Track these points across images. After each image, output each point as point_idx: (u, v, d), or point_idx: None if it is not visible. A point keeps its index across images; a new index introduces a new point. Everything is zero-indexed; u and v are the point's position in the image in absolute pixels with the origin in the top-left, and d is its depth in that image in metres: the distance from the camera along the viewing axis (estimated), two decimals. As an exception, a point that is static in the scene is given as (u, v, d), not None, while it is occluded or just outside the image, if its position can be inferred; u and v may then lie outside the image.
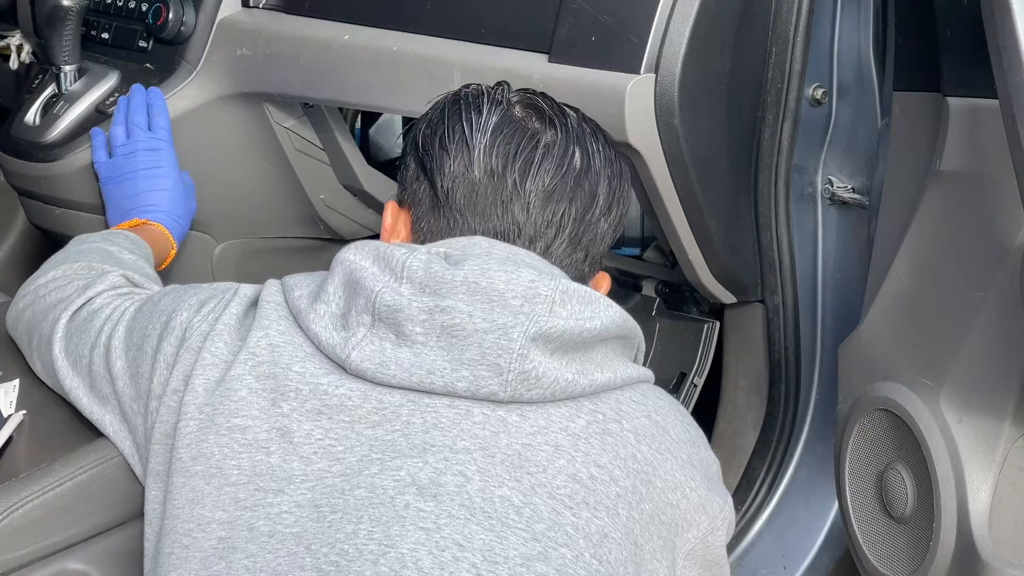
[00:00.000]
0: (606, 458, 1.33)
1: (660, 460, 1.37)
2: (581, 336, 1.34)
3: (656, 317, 2.21)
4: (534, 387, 1.32)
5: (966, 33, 1.58)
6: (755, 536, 2.18)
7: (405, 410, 1.33)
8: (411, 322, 1.33)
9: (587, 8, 1.82)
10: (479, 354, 1.32)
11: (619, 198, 1.50)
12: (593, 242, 1.48)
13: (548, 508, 1.30)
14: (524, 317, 1.32)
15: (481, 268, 1.35)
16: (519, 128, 1.46)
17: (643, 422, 1.37)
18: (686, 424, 1.44)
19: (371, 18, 2.07)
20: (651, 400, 1.41)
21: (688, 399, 2.17)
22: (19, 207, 2.56)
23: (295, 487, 1.33)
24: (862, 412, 1.82)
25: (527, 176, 1.44)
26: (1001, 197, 1.58)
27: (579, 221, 1.46)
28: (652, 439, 1.37)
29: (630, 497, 1.33)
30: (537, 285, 1.35)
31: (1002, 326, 1.63)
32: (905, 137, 1.78)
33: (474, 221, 1.45)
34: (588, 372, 1.35)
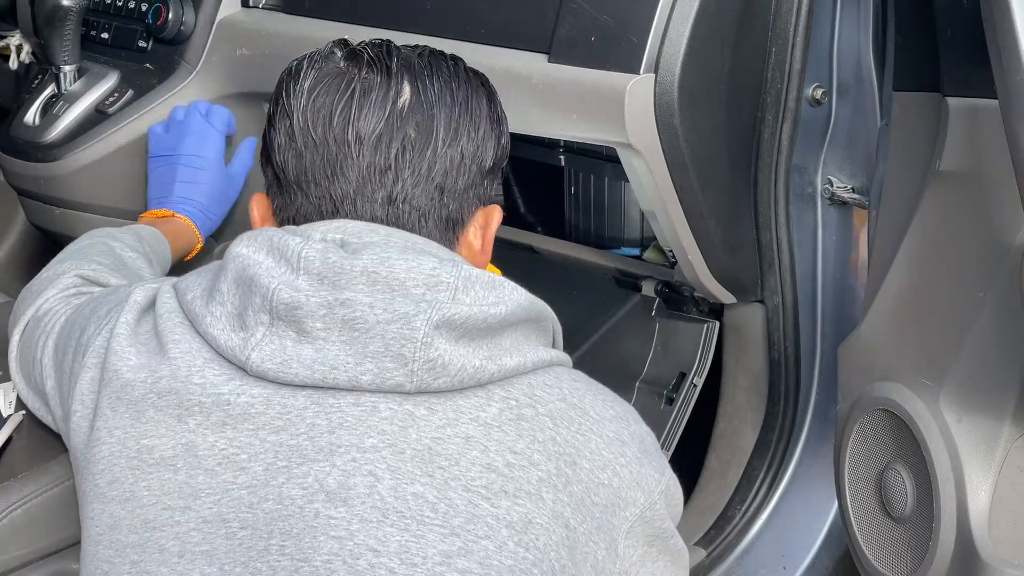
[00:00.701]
0: (522, 443, 1.30)
1: (583, 441, 1.33)
2: (486, 322, 1.30)
3: (656, 317, 2.21)
4: (440, 375, 1.28)
5: (966, 33, 1.58)
6: (755, 536, 2.18)
7: (310, 412, 1.29)
8: (311, 318, 1.29)
9: (587, 8, 1.82)
10: (383, 346, 1.28)
11: (468, 124, 1.42)
12: (447, 176, 1.41)
13: (464, 501, 1.27)
14: (427, 305, 1.28)
15: (381, 257, 1.31)
16: (335, 82, 1.40)
17: (559, 405, 1.34)
18: (608, 402, 1.39)
19: (371, 18, 2.07)
20: (566, 383, 1.37)
21: (688, 399, 2.17)
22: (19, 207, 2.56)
23: (200, 502, 1.30)
24: (862, 412, 1.82)
25: (348, 128, 1.38)
26: (1001, 197, 1.58)
27: (419, 159, 1.39)
28: (571, 421, 1.34)
29: (555, 480, 1.30)
30: (439, 272, 1.31)
31: (1002, 326, 1.63)
32: (905, 137, 1.78)
33: (312, 190, 1.40)
34: (497, 358, 1.31)
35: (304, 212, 1.41)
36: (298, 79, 1.41)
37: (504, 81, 1.89)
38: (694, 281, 2.04)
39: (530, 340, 1.36)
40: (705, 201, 1.91)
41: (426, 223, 1.41)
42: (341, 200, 1.39)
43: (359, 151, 1.38)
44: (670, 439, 2.16)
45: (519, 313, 1.34)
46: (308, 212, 1.41)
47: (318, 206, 1.40)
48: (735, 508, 2.18)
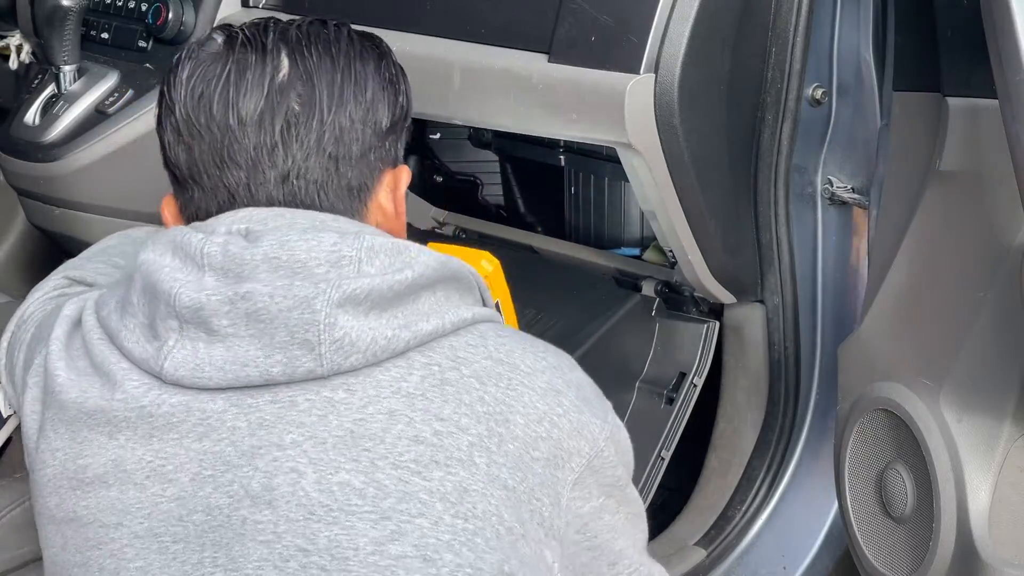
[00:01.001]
0: (448, 409, 1.27)
1: (514, 396, 1.29)
2: (393, 289, 1.27)
3: (656, 317, 2.20)
4: (351, 353, 1.25)
5: (966, 33, 1.58)
6: (755, 536, 2.18)
7: (229, 415, 1.27)
8: (216, 316, 1.26)
9: (587, 8, 1.82)
10: (288, 334, 1.25)
11: (353, 87, 1.38)
12: (339, 143, 1.37)
13: (393, 480, 1.24)
14: (326, 284, 1.25)
15: (280, 241, 1.28)
16: (211, 68, 1.36)
17: (485, 363, 1.30)
18: (539, 353, 1.35)
19: (371, 18, 2.06)
20: (491, 340, 1.33)
21: (688, 399, 2.17)
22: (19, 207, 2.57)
23: (131, 517, 1.28)
24: (862, 412, 1.82)
25: (229, 111, 1.35)
26: (1001, 197, 1.58)
27: (306, 131, 1.35)
28: (499, 378, 1.30)
29: (487, 443, 1.27)
30: (340, 247, 1.28)
31: (1002, 326, 1.63)
32: (905, 137, 1.78)
33: (206, 181, 1.36)
34: (412, 324, 1.28)
35: (203, 206, 1.37)
36: (177, 71, 1.38)
37: (504, 81, 1.89)
38: (694, 281, 2.03)
39: (452, 300, 1.33)
40: (705, 201, 1.91)
41: (327, 195, 1.37)
42: (236, 187, 1.36)
43: (243, 133, 1.35)
44: (670, 439, 2.16)
45: (430, 275, 1.30)
46: (207, 205, 1.37)
47: (214, 197, 1.37)
48: (735, 508, 2.18)
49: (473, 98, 1.94)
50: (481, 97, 1.93)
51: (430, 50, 1.98)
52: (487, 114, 1.96)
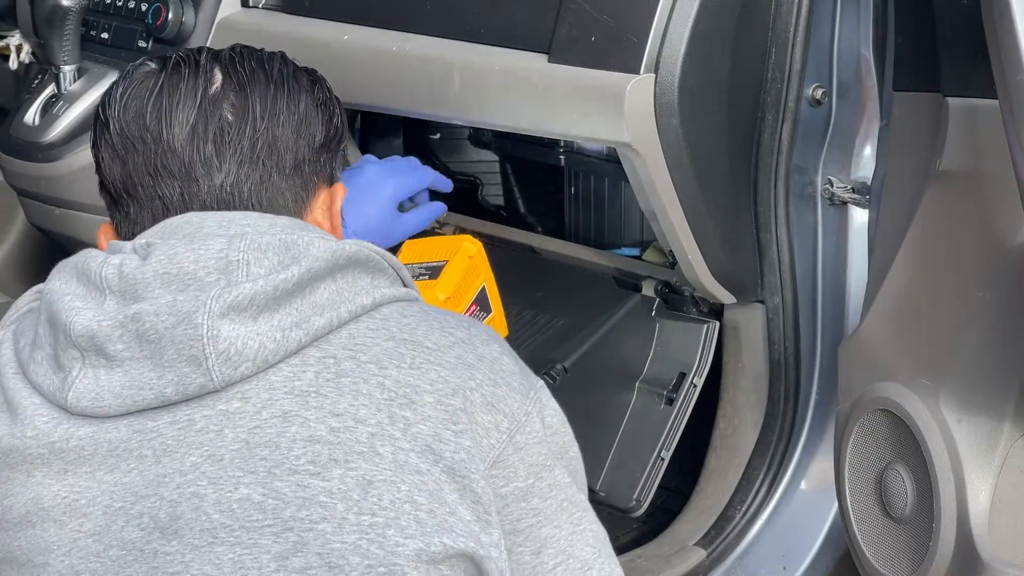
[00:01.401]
0: (344, 402, 1.23)
1: (420, 375, 1.26)
2: (280, 289, 1.24)
3: (656, 317, 2.20)
4: (240, 363, 1.22)
5: (966, 33, 1.58)
6: (755, 536, 2.18)
7: (135, 443, 1.25)
8: (110, 342, 1.24)
9: (587, 8, 1.82)
10: (176, 352, 1.23)
11: (287, 98, 1.38)
12: (271, 153, 1.35)
13: (292, 486, 1.21)
14: (206, 296, 1.22)
15: (168, 255, 1.26)
16: (145, 83, 1.37)
17: (386, 346, 1.26)
18: (448, 328, 1.31)
19: (371, 18, 2.06)
20: (394, 321, 1.29)
21: (688, 399, 2.16)
22: (19, 207, 2.57)
23: (55, 555, 1.25)
24: (862, 412, 1.82)
25: (162, 123, 1.34)
26: (1001, 197, 1.58)
27: (239, 139, 1.35)
28: (401, 359, 1.26)
29: (389, 430, 1.23)
30: (227, 252, 1.25)
31: (1002, 326, 1.63)
32: (905, 137, 1.78)
33: (141, 194, 1.35)
34: (306, 320, 1.25)
35: (139, 221, 1.36)
36: (112, 91, 1.39)
37: (504, 81, 1.89)
38: (694, 281, 2.03)
39: (357, 286, 1.29)
40: (705, 201, 1.91)
41: (260, 206, 1.36)
42: (170, 198, 1.35)
43: (177, 144, 1.34)
44: (670, 439, 2.16)
45: (323, 265, 1.27)
46: (143, 220, 1.36)
47: (149, 209, 1.35)
48: (735, 508, 2.18)
49: (473, 98, 1.94)
50: (481, 97, 1.93)
51: (430, 50, 1.98)
52: (487, 114, 1.96)
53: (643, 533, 2.30)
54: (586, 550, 1.34)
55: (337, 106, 1.46)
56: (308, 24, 2.13)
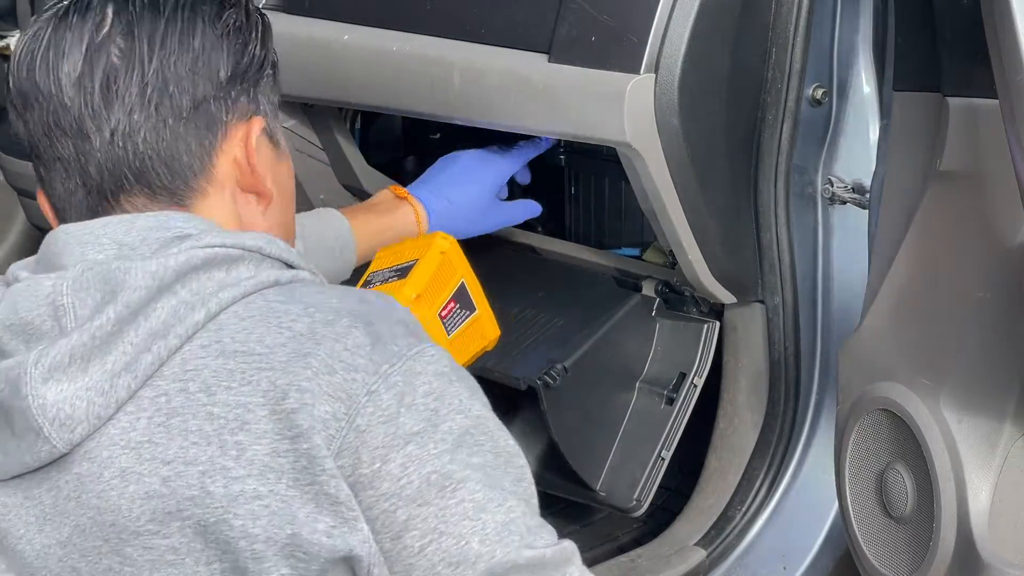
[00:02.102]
0: (174, 447, 1.15)
1: (252, 389, 1.16)
2: (100, 335, 1.16)
3: (656, 317, 2.20)
4: (75, 426, 1.16)
5: (966, 33, 1.58)
6: (755, 536, 2.18)
7: (23, 510, 1.20)
8: None
9: (587, 8, 1.82)
10: (21, 421, 1.16)
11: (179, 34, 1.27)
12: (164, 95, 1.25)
13: (140, 549, 1.16)
14: (28, 362, 1.15)
15: (12, 302, 1.19)
16: (39, 35, 1.27)
17: (216, 365, 1.16)
18: (289, 319, 1.19)
19: (371, 18, 2.06)
20: (229, 329, 1.18)
21: (688, 399, 2.16)
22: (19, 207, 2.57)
23: None
24: (862, 412, 1.82)
25: (50, 76, 1.25)
26: (1001, 197, 1.58)
27: (127, 84, 1.25)
28: (231, 376, 1.16)
29: (221, 461, 1.15)
30: (53, 296, 1.18)
31: (1002, 326, 1.63)
32: (905, 137, 1.78)
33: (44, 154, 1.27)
34: (136, 359, 1.16)
35: (52, 185, 1.29)
36: (17, 46, 1.29)
37: (504, 81, 1.89)
38: (694, 281, 2.03)
39: (204, 292, 1.19)
40: (705, 201, 1.91)
41: (158, 155, 1.26)
42: (68, 159, 1.26)
43: (66, 97, 1.25)
44: (670, 439, 2.16)
45: (143, 295, 1.17)
46: (53, 185, 1.28)
47: (55, 171, 1.27)
48: (735, 508, 2.18)
49: (473, 98, 1.94)
50: (481, 97, 1.93)
51: (430, 50, 1.98)
52: (487, 114, 1.96)
53: (643, 533, 2.30)
54: (463, 524, 1.17)
55: (256, 31, 1.33)
56: (308, 24, 2.13)
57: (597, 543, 2.29)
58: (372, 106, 2.16)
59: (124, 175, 1.26)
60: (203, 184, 1.28)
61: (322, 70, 2.09)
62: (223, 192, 1.30)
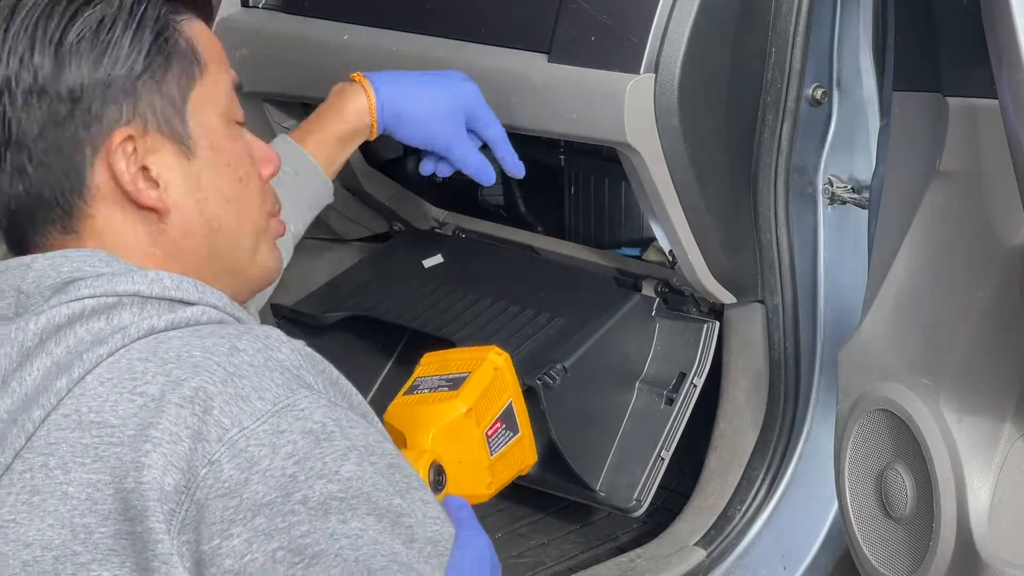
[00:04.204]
0: (33, 529, 1.10)
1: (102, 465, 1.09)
2: None
3: (656, 317, 2.20)
4: None
5: (966, 33, 1.58)
6: (755, 536, 2.18)
7: None
8: None
9: (587, 8, 1.82)
10: None
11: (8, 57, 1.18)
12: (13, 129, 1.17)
13: None
14: None
15: None
16: None
17: (72, 438, 1.10)
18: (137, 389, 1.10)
19: (371, 18, 2.06)
20: (87, 398, 1.11)
21: (688, 399, 2.16)
22: (19, 207, 2.56)
23: None
24: (862, 412, 1.82)
25: None
26: (1001, 197, 1.58)
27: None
28: (85, 451, 1.10)
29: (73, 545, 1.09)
30: None
31: (1002, 326, 1.63)
32: (905, 137, 1.78)
33: None
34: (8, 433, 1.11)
35: None
36: None
37: (504, 81, 1.89)
38: (694, 281, 2.03)
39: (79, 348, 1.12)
40: (705, 201, 1.91)
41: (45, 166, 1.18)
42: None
43: None
44: (670, 439, 2.16)
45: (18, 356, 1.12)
46: None
47: None
48: (735, 508, 2.18)
49: (473, 98, 1.94)
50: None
51: (430, 50, 1.98)
52: (487, 114, 1.96)
53: (643, 533, 2.31)
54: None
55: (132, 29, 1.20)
56: (308, 24, 2.13)
57: (597, 543, 2.29)
58: (372, 106, 2.15)
59: None
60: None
61: (321, 70, 2.09)
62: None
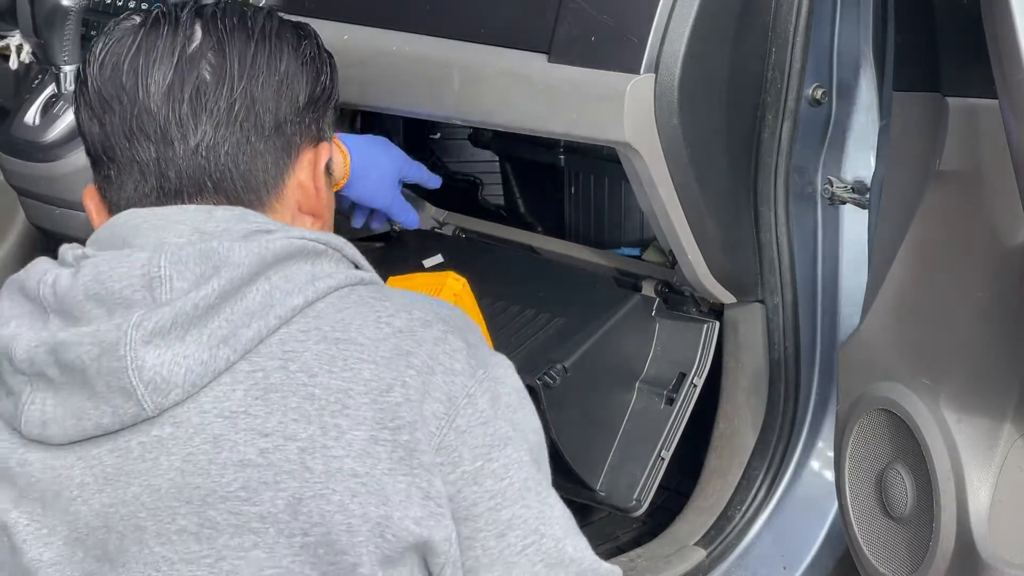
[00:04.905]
0: (273, 421, 1.20)
1: (353, 376, 1.21)
2: (202, 306, 1.20)
3: (656, 317, 2.20)
4: (170, 390, 1.19)
5: (966, 33, 1.58)
6: (755, 536, 2.18)
7: (77, 471, 1.22)
8: (48, 367, 1.21)
9: (587, 8, 1.82)
10: (104, 384, 1.19)
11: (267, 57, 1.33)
12: (250, 113, 1.31)
13: (225, 514, 1.19)
14: (127, 325, 1.18)
15: (94, 273, 1.22)
16: (124, 41, 1.32)
17: (317, 350, 1.22)
18: (387, 315, 1.26)
19: (371, 18, 2.06)
20: (328, 317, 1.24)
21: (688, 399, 2.16)
22: (19, 207, 2.57)
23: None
24: (862, 412, 1.82)
25: (138, 82, 1.29)
26: (1001, 197, 1.58)
27: (215, 99, 1.30)
28: (332, 362, 1.21)
29: (321, 440, 1.20)
30: (148, 267, 1.21)
31: (1002, 326, 1.63)
32: (905, 137, 1.78)
33: (119, 156, 1.31)
34: (233, 335, 1.20)
35: (120, 185, 1.32)
36: (93, 48, 1.34)
37: (504, 81, 1.89)
38: (694, 281, 2.03)
39: (294, 282, 1.24)
40: (705, 201, 1.91)
41: (237, 169, 1.31)
42: (146, 162, 1.30)
43: (153, 104, 1.30)
44: (670, 439, 2.16)
45: (245, 272, 1.22)
46: (124, 185, 1.32)
47: (129, 174, 1.31)
48: (735, 508, 2.18)
49: (473, 98, 1.94)
50: (481, 97, 1.93)
51: (430, 50, 1.98)
52: (487, 114, 1.96)
53: (643, 533, 2.31)
54: (556, 528, 1.28)
55: (327, 63, 1.41)
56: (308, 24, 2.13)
57: (597, 543, 2.28)
58: (372, 106, 2.16)
59: (203, 183, 1.31)
60: (272, 201, 1.34)
61: (322, 70, 2.09)
62: (286, 211, 1.36)
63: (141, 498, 1.21)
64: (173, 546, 1.20)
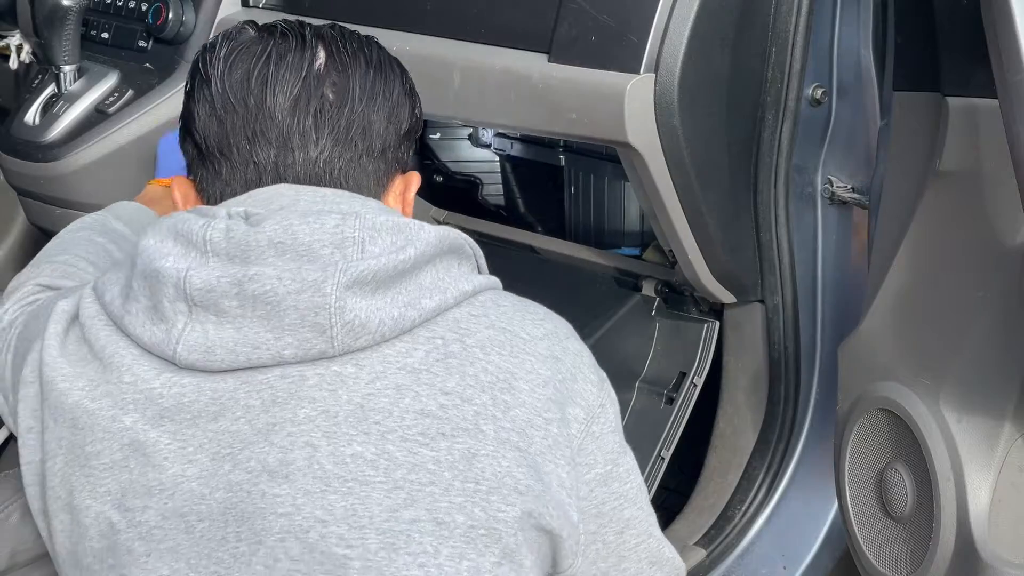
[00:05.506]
0: (452, 382, 1.31)
1: (518, 363, 1.34)
2: (397, 268, 1.30)
3: (656, 317, 2.21)
4: (361, 335, 1.29)
5: (966, 33, 1.58)
6: (755, 536, 2.18)
7: (241, 393, 1.30)
8: (226, 298, 1.29)
9: (587, 8, 1.82)
10: (298, 317, 1.28)
11: (383, 86, 1.44)
12: (365, 136, 1.42)
13: (403, 452, 1.28)
14: (334, 268, 1.28)
15: (283, 225, 1.30)
16: (251, 49, 1.41)
17: (488, 333, 1.34)
18: (537, 320, 1.40)
19: (371, 18, 2.07)
20: (492, 310, 1.37)
21: (688, 399, 2.17)
22: (19, 207, 2.57)
23: (156, 499, 1.30)
24: (862, 412, 1.82)
25: (266, 90, 1.39)
26: (1001, 197, 1.58)
27: (337, 118, 1.40)
28: (502, 347, 1.34)
29: (492, 410, 1.31)
30: (342, 228, 1.31)
31: (1002, 326, 1.63)
32: (905, 137, 1.78)
33: (235, 156, 1.40)
34: (417, 301, 1.31)
35: (228, 181, 1.41)
36: (215, 50, 1.42)
37: (504, 81, 1.90)
38: (694, 281, 2.04)
39: (452, 273, 1.36)
40: (705, 201, 1.91)
41: (346, 184, 1.41)
42: (265, 164, 1.39)
43: (278, 113, 1.39)
44: (670, 439, 2.16)
45: (431, 250, 1.34)
46: (234, 182, 1.40)
47: (243, 172, 1.40)
48: (735, 508, 2.18)
49: (473, 98, 1.94)
50: (481, 97, 1.93)
51: (430, 50, 1.98)
52: (487, 114, 1.96)
53: (643, 533, 2.30)
54: (657, 530, 1.46)
55: (418, 96, 1.50)
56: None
57: (597, 543, 2.29)
58: (372, 106, 2.15)
59: None
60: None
61: (322, 70, 2.09)
62: None
63: (315, 420, 1.29)
64: (347, 467, 1.28)
